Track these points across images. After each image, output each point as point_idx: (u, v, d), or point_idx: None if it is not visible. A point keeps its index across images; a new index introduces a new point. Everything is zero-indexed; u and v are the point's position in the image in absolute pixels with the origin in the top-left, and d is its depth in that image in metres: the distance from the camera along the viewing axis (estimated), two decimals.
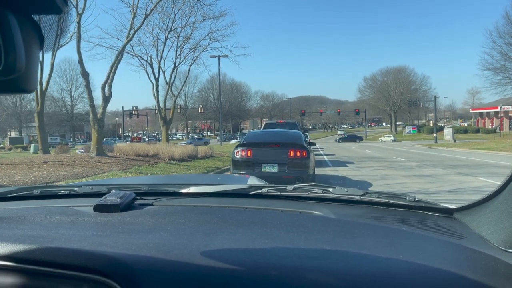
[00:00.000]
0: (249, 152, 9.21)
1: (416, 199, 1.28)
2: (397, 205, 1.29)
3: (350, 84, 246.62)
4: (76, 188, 1.50)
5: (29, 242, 0.80)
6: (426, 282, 0.71)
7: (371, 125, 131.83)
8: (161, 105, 25.49)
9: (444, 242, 0.94)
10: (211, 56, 35.56)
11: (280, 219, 1.11)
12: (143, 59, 25.20)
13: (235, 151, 9.48)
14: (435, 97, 47.98)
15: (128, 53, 23.91)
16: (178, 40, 26.07)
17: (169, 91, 26.04)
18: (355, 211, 1.27)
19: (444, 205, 1.28)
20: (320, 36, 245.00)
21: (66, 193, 1.50)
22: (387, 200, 1.30)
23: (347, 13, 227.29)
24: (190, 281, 0.70)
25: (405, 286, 0.70)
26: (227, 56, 32.48)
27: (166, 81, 26.05)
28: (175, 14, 24.50)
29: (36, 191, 1.47)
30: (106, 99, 15.56)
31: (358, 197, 1.32)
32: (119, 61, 16.18)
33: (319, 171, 11.55)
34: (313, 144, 11.11)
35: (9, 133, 65.52)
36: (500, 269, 0.81)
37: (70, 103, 71.44)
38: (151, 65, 25.33)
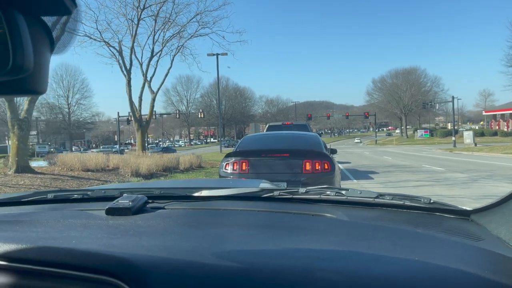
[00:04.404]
0: (243, 164, 5.94)
1: (432, 201, 1.26)
2: (412, 207, 1.27)
3: (356, 89, 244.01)
4: (89, 192, 1.52)
5: (41, 244, 0.82)
6: (443, 283, 0.70)
7: (389, 129, 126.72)
8: (137, 105, 20.35)
9: (461, 244, 0.93)
10: (208, 55, 32.41)
11: (292, 222, 1.12)
12: (110, 45, 20.10)
13: (224, 164, 6.14)
14: (453, 98, 44.51)
15: (90, 37, 19.46)
16: (156, 22, 20.86)
17: (145, 86, 20.63)
18: (369, 214, 1.25)
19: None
20: (325, 41, 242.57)
21: (79, 197, 1.51)
22: (402, 202, 1.28)
23: (352, 17, 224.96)
24: (200, 283, 0.71)
25: (421, 287, 0.69)
26: (226, 54, 29.17)
27: (142, 74, 20.73)
28: None
29: (50, 195, 1.50)
30: None
31: (371, 199, 1.31)
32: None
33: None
34: (334, 151, 7.64)
35: (7, 142, 63.51)
36: None
37: (67, 110, 68.67)
38: (120, 53, 20.09)
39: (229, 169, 5.92)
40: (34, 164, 13.84)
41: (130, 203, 1.18)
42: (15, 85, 0.53)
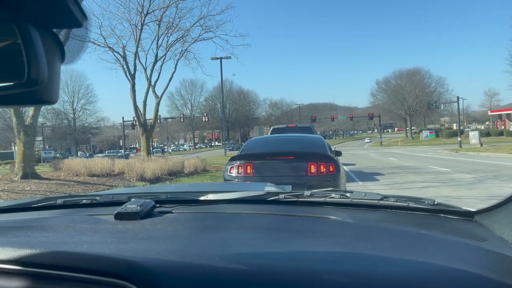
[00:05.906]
0: (248, 168, 5.94)
1: (436, 202, 1.26)
2: (416, 209, 1.27)
3: (360, 91, 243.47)
4: (97, 197, 1.54)
5: (54, 248, 0.84)
6: (447, 283, 0.71)
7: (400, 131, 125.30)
8: (142, 109, 20.35)
9: (464, 245, 0.94)
10: (212, 59, 32.61)
11: (297, 225, 1.12)
12: (114, 51, 20.11)
13: (228, 167, 6.14)
14: (458, 98, 44.24)
15: (94, 43, 19.36)
16: (159, 26, 20.79)
17: (149, 91, 20.57)
18: (373, 216, 1.26)
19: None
20: (327, 42, 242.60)
21: (88, 202, 1.52)
22: (406, 204, 1.28)
23: (355, 18, 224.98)
24: (208, 285, 0.72)
25: (425, 287, 0.70)
26: (229, 57, 29.23)
27: (147, 78, 20.74)
28: None
29: (59, 201, 1.52)
30: None
31: (376, 201, 1.32)
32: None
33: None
34: (339, 153, 7.62)
35: (13, 148, 63.95)
36: None
37: (72, 115, 69.03)
38: (124, 58, 20.18)
39: (234, 172, 5.93)
40: None
41: (138, 207, 1.19)
42: (27, 96, 0.54)
